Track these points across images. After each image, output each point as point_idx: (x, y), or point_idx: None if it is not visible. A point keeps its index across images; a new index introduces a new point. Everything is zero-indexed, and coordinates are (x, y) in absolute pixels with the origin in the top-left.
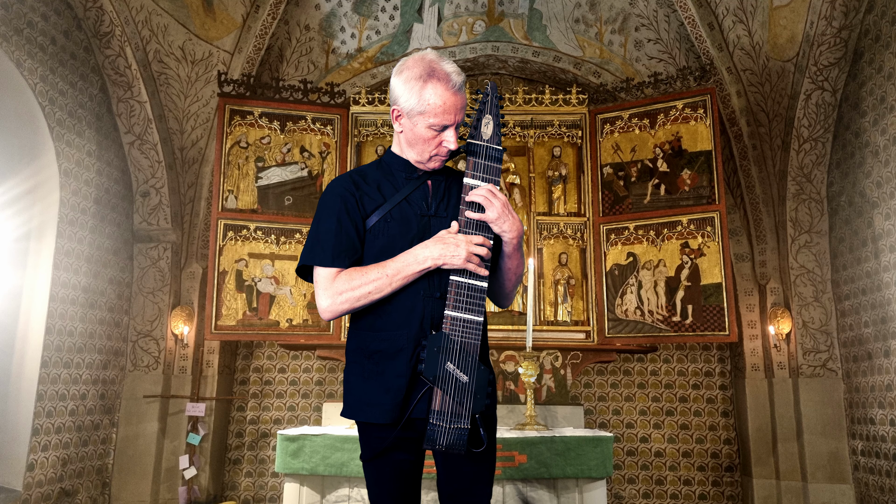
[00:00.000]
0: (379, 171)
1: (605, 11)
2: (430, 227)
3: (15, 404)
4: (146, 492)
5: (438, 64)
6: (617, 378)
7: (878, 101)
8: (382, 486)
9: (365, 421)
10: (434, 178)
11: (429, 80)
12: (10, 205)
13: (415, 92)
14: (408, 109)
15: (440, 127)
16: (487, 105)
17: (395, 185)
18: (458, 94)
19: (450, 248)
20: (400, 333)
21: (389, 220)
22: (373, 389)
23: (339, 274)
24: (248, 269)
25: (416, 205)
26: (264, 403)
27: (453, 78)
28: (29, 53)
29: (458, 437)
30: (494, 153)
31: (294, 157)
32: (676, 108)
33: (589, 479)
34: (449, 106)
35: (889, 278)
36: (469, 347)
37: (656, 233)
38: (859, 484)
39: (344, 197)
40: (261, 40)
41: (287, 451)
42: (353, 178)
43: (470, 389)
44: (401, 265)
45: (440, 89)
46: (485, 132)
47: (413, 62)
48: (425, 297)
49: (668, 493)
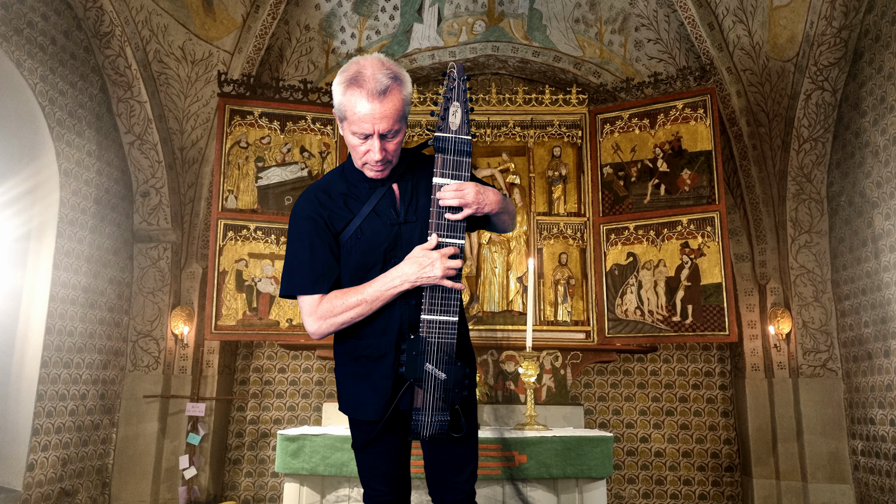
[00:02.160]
0: (343, 181)
1: (605, 11)
2: (401, 234)
3: (15, 404)
4: (146, 492)
5: (368, 69)
6: (617, 378)
7: (878, 101)
8: (373, 467)
9: (358, 418)
10: (400, 181)
11: (349, 87)
12: (10, 205)
13: (338, 95)
14: (336, 111)
15: (362, 135)
16: (455, 91)
17: (360, 198)
18: (378, 100)
19: (425, 268)
20: (382, 340)
21: (360, 237)
22: (363, 390)
23: (322, 300)
24: (248, 269)
25: (385, 214)
26: (264, 403)
27: (376, 84)
28: (29, 53)
29: (440, 428)
30: (462, 146)
31: (294, 157)
32: (676, 108)
33: (589, 479)
34: (365, 114)
35: (889, 278)
36: (445, 347)
37: (656, 233)
38: (859, 484)
39: (312, 219)
40: (261, 40)
41: (287, 451)
42: (317, 197)
43: (448, 385)
44: (378, 289)
45: (356, 95)
46: (452, 122)
47: (350, 66)
48: (402, 305)
49: (668, 493)
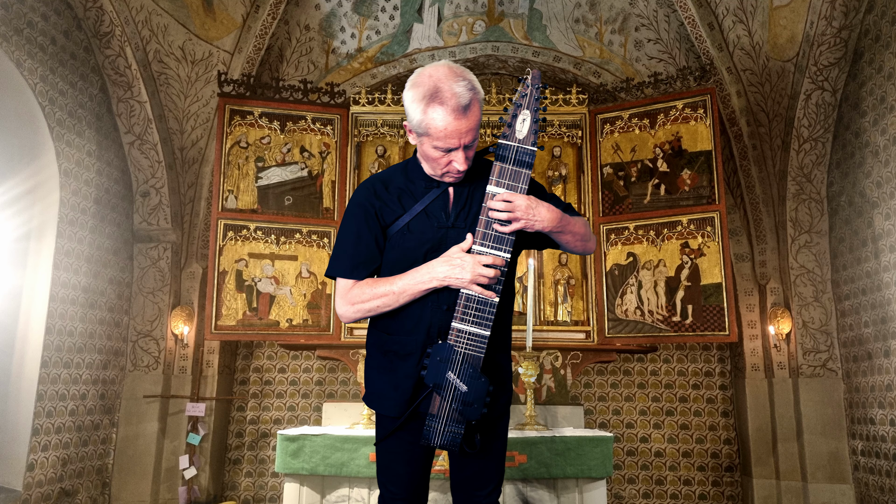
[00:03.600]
0: (403, 176)
1: (605, 11)
2: (446, 238)
3: (15, 404)
4: (146, 492)
5: (446, 83)
6: (617, 378)
7: (878, 101)
8: (389, 467)
9: (377, 411)
10: (457, 186)
11: (431, 103)
12: (10, 205)
13: (418, 113)
14: (414, 127)
15: (445, 149)
16: (527, 99)
17: (415, 195)
18: (463, 117)
19: (455, 269)
20: (409, 339)
21: (406, 233)
22: (386, 384)
23: (354, 286)
24: (248, 269)
25: (435, 216)
26: (264, 403)
27: (458, 100)
28: (29, 53)
29: (452, 439)
30: (525, 156)
31: (294, 157)
32: (676, 108)
33: (589, 479)
34: (451, 131)
35: (889, 278)
36: (472, 360)
37: (656, 233)
38: (859, 484)
39: (365, 207)
40: (261, 40)
41: (287, 451)
42: (374, 188)
43: (468, 399)
44: (407, 283)
45: (441, 113)
46: (519, 130)
47: (422, 79)
48: (433, 309)
49: (668, 493)
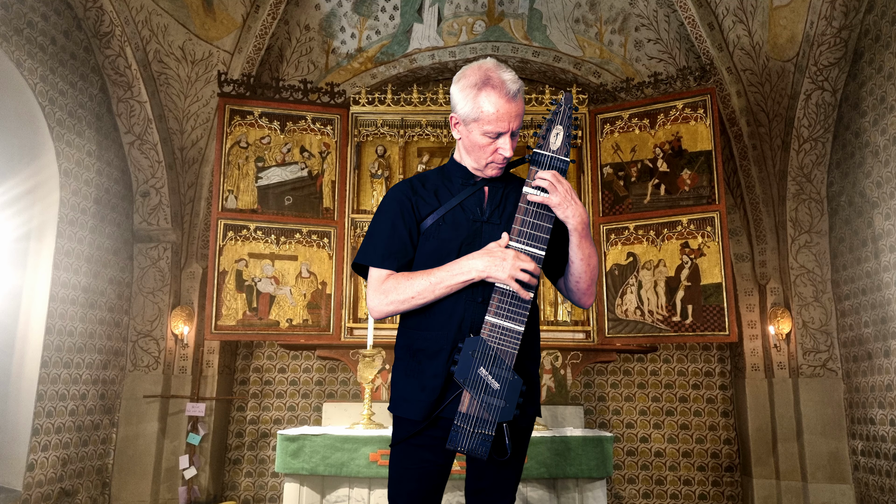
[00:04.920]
0: (439, 176)
1: (605, 11)
2: (481, 232)
3: (15, 404)
4: (146, 492)
5: (495, 72)
6: (617, 378)
7: (878, 101)
8: (401, 481)
9: (400, 416)
10: (492, 185)
11: (483, 88)
12: (10, 205)
13: (469, 99)
14: (464, 116)
15: (494, 134)
16: (560, 116)
17: (451, 191)
18: (513, 101)
19: (496, 261)
20: (441, 334)
21: (441, 224)
22: (411, 386)
23: (389, 277)
24: (248, 269)
25: (470, 210)
26: (264, 403)
27: (508, 86)
28: (29, 53)
29: (482, 444)
30: (558, 164)
31: (294, 157)
32: (676, 108)
33: (589, 479)
34: (503, 113)
35: (889, 278)
36: (505, 355)
37: (656, 233)
38: (859, 484)
39: (401, 201)
40: (261, 40)
41: (287, 451)
42: (411, 184)
43: (499, 397)
44: (446, 274)
45: (493, 96)
46: (553, 142)
47: (471, 71)
48: (467, 301)
49: (668, 493)
